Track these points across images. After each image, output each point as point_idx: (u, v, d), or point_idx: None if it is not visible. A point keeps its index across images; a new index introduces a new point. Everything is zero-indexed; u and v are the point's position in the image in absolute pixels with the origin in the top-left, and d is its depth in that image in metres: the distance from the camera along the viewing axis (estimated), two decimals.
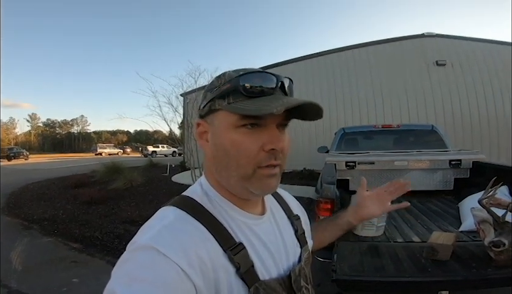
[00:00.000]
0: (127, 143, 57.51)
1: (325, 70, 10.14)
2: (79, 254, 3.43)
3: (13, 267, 2.95)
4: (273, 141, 0.45)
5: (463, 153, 2.94)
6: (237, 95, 0.44)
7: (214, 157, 0.48)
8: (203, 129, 0.50)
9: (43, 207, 5.61)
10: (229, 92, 0.45)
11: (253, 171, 0.45)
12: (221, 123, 0.46)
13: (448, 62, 9.13)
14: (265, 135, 0.45)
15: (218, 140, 0.47)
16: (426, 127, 3.91)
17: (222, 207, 0.48)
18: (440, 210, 2.44)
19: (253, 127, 0.44)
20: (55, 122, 68.88)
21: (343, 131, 3.98)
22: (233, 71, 0.47)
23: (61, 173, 11.34)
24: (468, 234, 1.72)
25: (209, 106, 0.47)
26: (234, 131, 0.45)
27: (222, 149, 0.46)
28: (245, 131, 0.44)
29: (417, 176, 2.86)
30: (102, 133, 72.67)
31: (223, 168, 0.47)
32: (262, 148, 0.44)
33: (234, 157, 0.45)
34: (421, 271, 1.17)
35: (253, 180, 0.46)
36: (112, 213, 4.98)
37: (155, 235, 0.41)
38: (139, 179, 7.59)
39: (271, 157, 0.45)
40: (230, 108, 0.44)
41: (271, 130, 0.45)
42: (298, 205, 0.68)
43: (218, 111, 0.46)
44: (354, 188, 2.86)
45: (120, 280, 0.37)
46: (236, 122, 0.44)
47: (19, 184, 8.63)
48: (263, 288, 0.45)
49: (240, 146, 0.44)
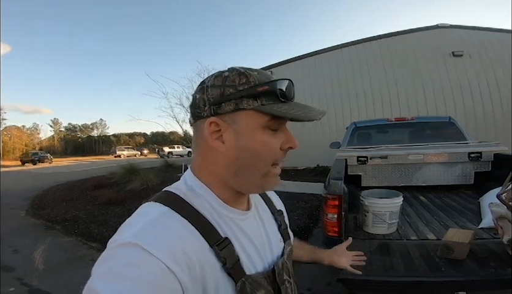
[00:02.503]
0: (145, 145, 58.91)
1: (336, 65, 9.96)
2: (98, 253, 3.53)
3: (35, 266, 3.09)
4: (291, 140, 0.49)
5: (483, 145, 2.79)
6: (271, 98, 0.45)
7: (237, 158, 0.46)
8: (216, 128, 0.46)
9: (65, 209, 5.86)
10: (264, 94, 0.45)
11: (269, 169, 0.48)
12: (248, 123, 0.45)
13: (465, 53, 8.73)
14: (281, 135, 0.48)
15: (245, 140, 0.45)
16: (443, 119, 3.73)
17: (208, 202, 0.47)
18: (459, 206, 2.32)
19: (276, 129, 0.47)
20: (76, 127, 71.70)
21: (354, 125, 3.86)
22: (248, 69, 0.47)
23: (82, 175, 11.81)
24: (489, 231, 1.62)
25: (235, 105, 0.45)
26: (262, 132, 0.46)
27: (250, 150, 0.46)
28: (270, 132, 0.46)
29: (434, 170, 2.75)
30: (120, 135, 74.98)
31: (248, 168, 0.47)
32: (280, 147, 0.48)
33: (262, 157, 0.46)
34: (434, 270, 1.11)
35: (270, 179, 0.48)
36: (129, 213, 4.84)
37: (138, 232, 0.39)
38: (155, 180, 7.75)
39: (284, 155, 0.49)
40: (269, 110, 0.45)
41: (286, 131, 0.49)
42: (279, 200, 0.69)
43: (246, 110, 0.45)
44: (367, 184, 2.78)
45: (104, 277, 0.36)
46: (265, 123, 0.45)
47: (43, 187, 9.06)
48: (249, 282, 0.45)
49: (269, 145, 0.46)
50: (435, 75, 8.88)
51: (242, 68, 0.47)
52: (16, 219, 5.39)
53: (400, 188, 2.62)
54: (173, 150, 27.98)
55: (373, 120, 4.32)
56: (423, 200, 2.54)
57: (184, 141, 9.54)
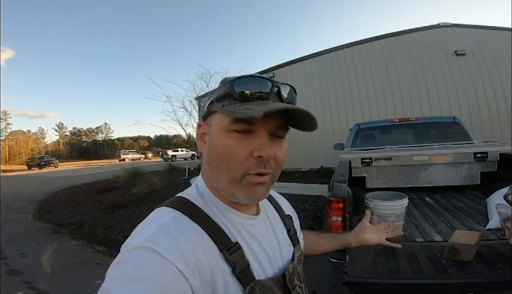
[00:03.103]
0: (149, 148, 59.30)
1: (338, 66, 9.94)
2: (103, 256, 3.57)
3: (42, 270, 3.12)
4: (261, 148, 0.44)
5: (489, 145, 2.76)
6: (231, 98, 0.45)
7: (207, 157, 0.49)
8: (203, 130, 0.51)
9: (71, 212, 5.91)
10: (225, 95, 0.46)
11: (242, 176, 0.45)
12: (215, 125, 0.47)
13: (468, 52, 8.65)
14: (255, 142, 0.44)
15: (212, 142, 0.47)
16: (447, 119, 3.70)
17: (217, 208, 0.48)
18: (466, 206, 2.30)
19: (244, 133, 0.44)
20: (81, 131, 72.43)
21: (358, 127, 3.85)
22: (236, 76, 0.48)
23: (88, 179, 11.90)
24: (496, 232, 1.61)
25: (208, 108, 0.49)
26: (226, 134, 0.45)
27: (214, 151, 0.46)
28: (236, 136, 0.44)
29: (439, 171, 2.72)
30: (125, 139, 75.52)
31: (215, 169, 0.47)
32: (251, 154, 0.44)
33: (224, 160, 0.45)
34: (440, 272, 1.10)
35: (240, 187, 0.45)
36: (134, 216, 5.15)
37: (152, 235, 0.40)
38: (160, 183, 7.78)
39: (260, 164, 0.44)
40: (222, 110, 0.46)
41: (261, 137, 0.44)
42: (289, 205, 0.69)
43: (215, 113, 0.48)
44: (372, 186, 2.76)
45: (116, 280, 0.36)
46: (228, 125, 0.45)
47: (49, 191, 9.16)
48: (259, 287, 0.45)
49: (229, 149, 0.44)
50: (438, 75, 8.82)
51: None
52: (24, 223, 5.45)
53: (406, 189, 2.60)
54: (177, 154, 28.09)
55: (376, 122, 4.29)
56: (429, 201, 2.52)
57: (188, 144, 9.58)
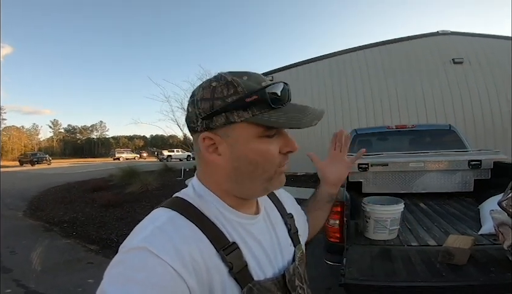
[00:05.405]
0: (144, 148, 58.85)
1: (337, 72, 10.02)
2: (96, 255, 3.53)
3: (32, 268, 3.07)
4: (288, 144, 0.48)
5: (483, 153, 2.81)
6: (261, 106, 0.43)
7: (235, 168, 0.47)
8: (210, 142, 0.46)
9: (63, 210, 5.83)
10: (253, 103, 0.43)
11: (275, 172, 0.48)
12: (241, 135, 0.45)
13: (465, 60, 8.79)
14: (280, 140, 0.48)
15: (240, 152, 0.45)
16: (443, 127, 3.76)
17: (216, 208, 0.48)
18: (459, 213, 2.33)
19: (273, 135, 0.46)
20: (75, 128, 71.75)
21: (355, 132, 3.88)
22: (236, 76, 0.45)
23: (81, 177, 11.77)
24: (489, 237, 1.63)
25: (226, 118, 0.43)
26: (258, 141, 0.45)
27: (247, 160, 0.46)
28: (267, 140, 0.46)
29: (434, 178, 2.76)
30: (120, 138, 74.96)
31: (247, 177, 0.47)
32: (280, 151, 0.48)
33: (261, 165, 0.46)
34: (435, 275, 1.12)
35: (273, 181, 0.49)
36: (128, 216, 5.11)
37: (148, 236, 0.40)
38: (155, 183, 7.74)
39: (285, 157, 0.49)
40: (259, 121, 0.43)
41: (285, 135, 0.49)
42: (293, 203, 0.68)
43: (238, 123, 0.44)
44: (368, 191, 2.79)
45: (113, 281, 0.36)
46: (262, 132, 0.45)
47: (41, 188, 9.03)
48: (257, 288, 0.44)
49: (266, 154, 0.46)
50: (435, 82, 8.94)
51: (230, 74, 0.45)
52: (14, 220, 5.37)
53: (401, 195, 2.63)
54: (172, 154, 27.93)
55: (374, 128, 4.34)
56: (423, 207, 2.55)
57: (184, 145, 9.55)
